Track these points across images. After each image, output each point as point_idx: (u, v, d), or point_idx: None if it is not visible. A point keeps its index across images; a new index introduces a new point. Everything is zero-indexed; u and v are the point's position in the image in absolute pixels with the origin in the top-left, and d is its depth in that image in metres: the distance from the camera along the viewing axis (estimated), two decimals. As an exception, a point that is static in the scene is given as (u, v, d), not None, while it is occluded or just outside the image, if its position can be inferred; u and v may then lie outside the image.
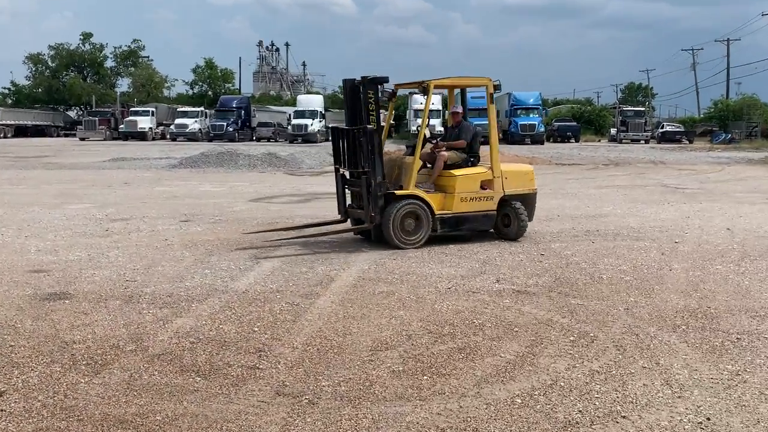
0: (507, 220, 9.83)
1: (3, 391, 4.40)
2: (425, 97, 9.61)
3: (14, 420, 4.01)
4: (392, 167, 9.68)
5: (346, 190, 9.89)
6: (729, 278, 7.62)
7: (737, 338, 5.53)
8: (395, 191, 9.28)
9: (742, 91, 72.17)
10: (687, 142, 54.11)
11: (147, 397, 4.32)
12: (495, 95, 10.12)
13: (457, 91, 11.26)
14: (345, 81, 9.44)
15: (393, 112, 10.68)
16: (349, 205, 9.89)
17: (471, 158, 9.93)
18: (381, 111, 9.42)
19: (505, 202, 9.75)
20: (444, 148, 9.85)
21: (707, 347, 5.32)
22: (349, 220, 10.01)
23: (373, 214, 9.11)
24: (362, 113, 9.13)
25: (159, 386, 4.50)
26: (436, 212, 9.33)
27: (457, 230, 9.60)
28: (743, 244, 9.67)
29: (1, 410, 4.13)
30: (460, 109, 10.27)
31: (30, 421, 4.00)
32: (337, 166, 9.81)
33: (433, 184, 9.70)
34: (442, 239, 9.48)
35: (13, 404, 4.21)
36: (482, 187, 9.68)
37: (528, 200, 9.99)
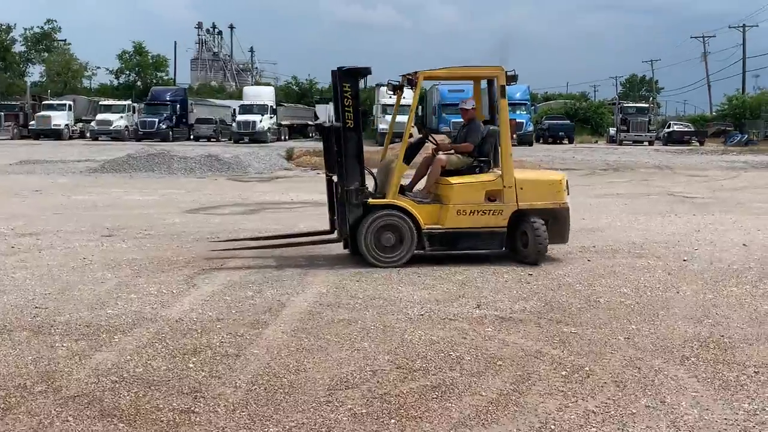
0: (526, 239, 9.41)
1: None
2: (412, 90, 9.61)
3: None
4: (386, 173, 9.68)
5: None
6: (745, 302, 7.74)
7: (755, 372, 5.61)
8: (370, 200, 9.30)
9: (761, 85, 74.00)
10: (697, 143, 55.13)
11: (59, 448, 4.25)
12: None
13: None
14: (333, 72, 9.53)
15: (398, 106, 10.64)
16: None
17: (480, 163, 9.72)
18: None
19: (522, 217, 9.37)
20: (444, 151, 9.85)
21: (720, 383, 5.39)
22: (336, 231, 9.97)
23: (342, 225, 9.29)
24: (339, 109, 9.24)
25: (74, 434, 4.43)
26: (424, 226, 9.20)
27: (452, 249, 9.45)
28: (761, 262, 9.84)
29: None
30: (469, 105, 10.11)
31: None
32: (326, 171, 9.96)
33: (430, 193, 9.65)
34: (445, 258, 9.45)
35: None
36: (489, 199, 9.37)
37: (556, 216, 9.56)
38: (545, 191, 9.61)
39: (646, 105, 65.42)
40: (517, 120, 47.66)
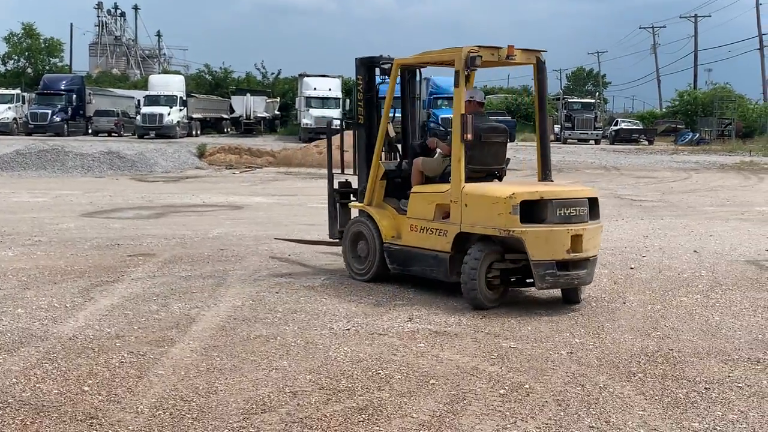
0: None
1: None
2: (386, 79, 9.30)
3: None
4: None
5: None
6: (695, 313, 7.94)
7: (705, 388, 5.75)
8: (349, 203, 9.51)
9: (713, 80, 75.82)
10: (646, 142, 56.44)
11: (-68, 485, 4.12)
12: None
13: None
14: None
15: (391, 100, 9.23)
16: None
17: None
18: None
19: (465, 241, 8.11)
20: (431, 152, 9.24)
21: (669, 400, 5.51)
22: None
23: (331, 228, 9.90)
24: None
25: (-51, 469, 4.30)
26: (385, 240, 8.79)
27: (406, 270, 8.77)
28: (713, 270, 10.10)
29: None
30: (478, 97, 9.21)
31: None
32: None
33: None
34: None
35: None
36: (443, 215, 8.32)
37: (507, 247, 7.95)
38: (490, 212, 7.81)
39: (592, 100, 66.52)
40: (447, 116, 47.97)
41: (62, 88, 54.87)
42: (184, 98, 53.53)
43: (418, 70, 9.60)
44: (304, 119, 48.16)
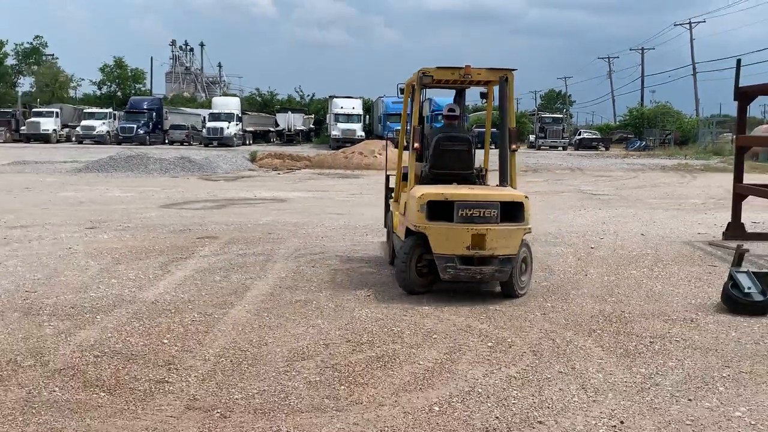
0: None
1: None
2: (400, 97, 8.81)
3: None
4: None
5: None
6: (642, 283, 7.91)
7: (650, 342, 5.74)
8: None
9: (656, 99, 75.31)
10: (603, 148, 56.06)
11: (47, 415, 4.15)
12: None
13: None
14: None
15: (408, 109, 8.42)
16: None
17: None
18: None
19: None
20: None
21: (621, 351, 5.50)
22: None
23: (385, 219, 9.48)
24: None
25: (60, 403, 4.33)
26: (393, 230, 8.43)
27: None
28: (656, 249, 10.06)
29: None
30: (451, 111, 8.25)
31: None
32: None
33: None
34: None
35: None
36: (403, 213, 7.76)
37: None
38: (413, 210, 7.11)
39: (561, 115, 66.29)
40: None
41: (145, 107, 54.97)
42: (240, 115, 53.63)
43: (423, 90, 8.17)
44: (333, 131, 48.21)
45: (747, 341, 5.81)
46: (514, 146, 7.62)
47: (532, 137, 58.41)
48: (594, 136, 60.60)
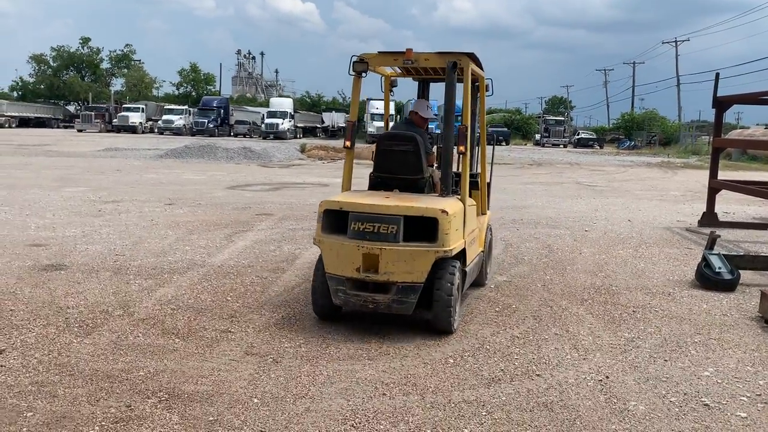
0: None
1: (3, 350, 4.27)
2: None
3: (13, 374, 3.90)
4: None
5: None
6: (628, 261, 7.81)
7: (633, 311, 5.68)
8: None
9: (645, 106, 73.97)
10: (598, 147, 55.17)
11: (132, 356, 4.25)
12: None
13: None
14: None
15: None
16: None
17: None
18: None
19: None
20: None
21: (608, 318, 5.46)
22: None
23: None
24: None
25: (143, 346, 4.42)
26: None
27: None
28: (641, 233, 9.92)
29: (2, 366, 4.02)
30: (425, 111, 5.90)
31: (27, 375, 3.90)
32: None
33: None
34: None
35: (12, 361, 4.10)
36: None
37: None
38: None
39: (563, 118, 65.37)
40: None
41: (214, 105, 55.27)
42: (292, 113, 53.64)
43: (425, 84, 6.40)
44: (369, 128, 47.93)
45: (716, 313, 5.72)
46: (461, 147, 5.10)
47: (537, 136, 57.68)
48: (590, 137, 59.59)
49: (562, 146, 53.66)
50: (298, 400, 3.69)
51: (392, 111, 8.57)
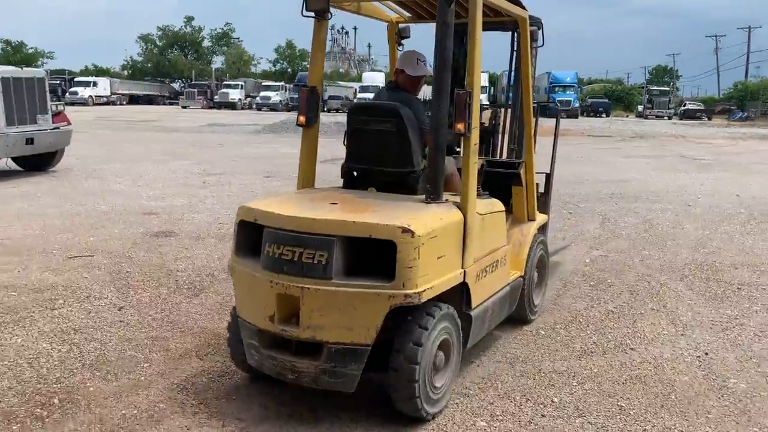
0: None
1: (122, 307, 4.67)
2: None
3: (131, 329, 4.27)
4: None
5: None
6: (734, 238, 7.43)
7: (738, 288, 5.44)
8: None
9: (761, 75, 68.83)
10: (706, 118, 52.04)
11: (236, 317, 4.52)
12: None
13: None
14: None
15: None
16: None
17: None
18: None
19: None
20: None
21: (710, 295, 5.26)
22: None
23: None
24: None
25: (245, 308, 4.69)
26: None
27: None
28: (750, 208, 9.37)
29: (121, 321, 4.40)
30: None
31: (143, 330, 4.26)
32: None
33: None
34: None
35: (129, 317, 4.48)
36: None
37: None
38: None
39: (668, 88, 62.12)
40: (566, 98, 46.02)
41: (313, 81, 56.32)
42: (385, 87, 53.85)
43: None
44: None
45: (832, 293, 5.38)
46: (460, 125, 3.23)
47: (640, 107, 55.11)
48: (698, 108, 56.21)
49: (666, 118, 50.97)
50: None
51: (486, 84, 8.12)
